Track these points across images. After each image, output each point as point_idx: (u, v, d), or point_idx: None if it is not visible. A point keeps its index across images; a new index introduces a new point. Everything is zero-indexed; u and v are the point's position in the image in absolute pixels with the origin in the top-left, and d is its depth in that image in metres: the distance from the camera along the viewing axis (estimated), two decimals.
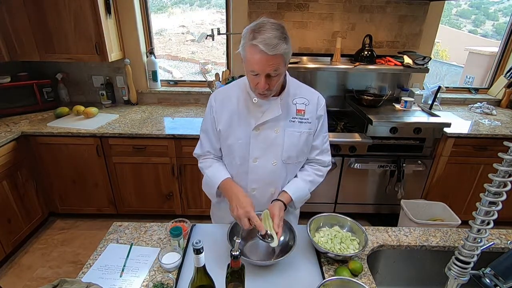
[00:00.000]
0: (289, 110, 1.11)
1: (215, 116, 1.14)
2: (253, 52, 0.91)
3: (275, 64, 0.92)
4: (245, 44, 0.94)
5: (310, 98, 1.14)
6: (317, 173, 1.22)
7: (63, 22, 2.19)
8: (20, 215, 2.16)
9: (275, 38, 0.89)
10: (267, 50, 0.88)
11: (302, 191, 1.18)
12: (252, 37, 0.90)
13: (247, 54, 0.94)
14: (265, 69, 0.93)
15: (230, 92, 1.15)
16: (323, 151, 1.22)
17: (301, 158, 1.19)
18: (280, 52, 0.90)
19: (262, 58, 0.90)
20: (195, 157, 1.27)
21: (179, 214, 2.49)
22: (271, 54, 0.89)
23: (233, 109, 1.12)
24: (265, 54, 0.89)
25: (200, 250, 0.72)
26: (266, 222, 1.05)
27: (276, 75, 0.96)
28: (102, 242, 1.14)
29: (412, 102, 2.47)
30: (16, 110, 2.42)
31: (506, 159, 0.66)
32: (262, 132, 1.10)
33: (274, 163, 1.13)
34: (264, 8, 2.44)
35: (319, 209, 2.06)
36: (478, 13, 7.19)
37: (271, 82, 0.97)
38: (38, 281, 2.01)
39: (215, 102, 1.15)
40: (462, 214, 2.37)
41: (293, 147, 1.12)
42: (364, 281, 0.98)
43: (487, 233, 0.74)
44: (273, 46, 0.88)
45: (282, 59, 0.93)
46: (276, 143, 1.11)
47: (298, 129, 1.12)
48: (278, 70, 0.94)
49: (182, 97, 2.82)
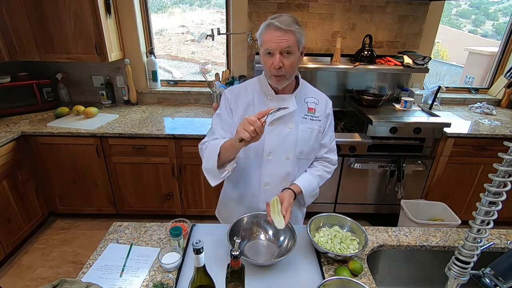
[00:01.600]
0: (302, 108, 1.17)
1: (231, 109, 1.17)
2: (269, 30, 1.01)
3: (289, 40, 0.99)
4: (262, 30, 1.04)
5: (319, 98, 1.21)
6: (326, 169, 1.28)
7: (63, 22, 2.19)
8: (20, 215, 2.16)
9: (289, 19, 1.00)
10: (281, 25, 0.98)
11: (311, 184, 1.22)
12: (268, 21, 1.01)
13: (263, 35, 1.03)
14: (279, 45, 0.99)
15: (245, 89, 1.19)
16: (330, 150, 1.28)
17: (312, 155, 1.23)
18: (293, 29, 0.99)
19: (276, 33, 0.99)
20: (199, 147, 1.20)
21: (179, 214, 2.49)
22: (285, 29, 0.98)
23: (248, 103, 1.16)
24: (279, 29, 0.98)
25: (200, 250, 0.72)
26: (275, 207, 1.06)
27: (290, 55, 1.02)
28: (102, 242, 1.14)
29: (412, 102, 2.47)
30: (16, 110, 2.42)
31: (506, 159, 0.66)
32: (276, 127, 1.13)
33: (288, 157, 1.17)
34: (264, 8, 2.44)
35: (319, 209, 2.06)
36: (478, 13, 7.19)
37: (285, 61, 1.02)
38: (38, 281, 2.01)
39: (230, 95, 1.18)
40: (462, 214, 2.38)
41: (306, 142, 1.17)
42: (364, 281, 0.98)
43: (487, 233, 0.74)
44: (287, 23, 0.98)
45: (295, 38, 1.01)
46: (289, 138, 1.15)
47: (310, 126, 1.17)
48: (291, 48, 1.01)
49: (182, 97, 2.82)
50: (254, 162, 1.18)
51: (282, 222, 1.03)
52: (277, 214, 1.05)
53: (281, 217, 1.04)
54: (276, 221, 1.04)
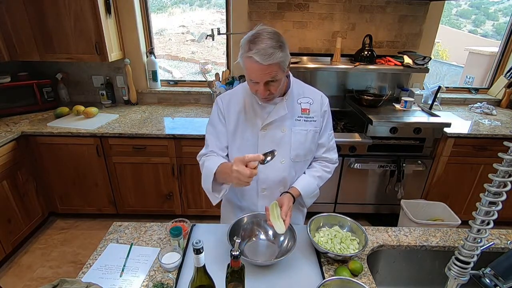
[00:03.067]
0: (294, 110, 1.14)
1: (224, 117, 1.16)
2: (249, 63, 0.95)
3: (272, 72, 0.95)
4: (242, 54, 0.97)
5: (314, 97, 1.17)
6: (325, 169, 1.26)
7: (63, 22, 2.19)
8: (20, 215, 2.16)
9: (270, 48, 0.91)
10: (262, 61, 0.91)
11: (310, 186, 1.20)
12: (248, 49, 0.93)
13: (245, 64, 0.98)
14: (263, 78, 0.96)
15: (236, 95, 1.17)
16: (329, 149, 1.25)
17: (309, 156, 1.21)
18: (275, 61, 0.93)
19: (258, 68, 0.94)
20: (198, 160, 1.24)
21: (179, 214, 2.49)
22: (266, 64, 0.92)
23: (239, 110, 1.14)
24: (260, 65, 0.92)
25: (200, 250, 0.72)
26: (274, 211, 1.06)
27: (275, 81, 0.99)
28: (102, 242, 1.14)
29: (412, 102, 2.47)
30: (16, 110, 2.42)
31: (506, 159, 0.66)
32: (269, 132, 1.12)
33: (283, 161, 1.15)
34: (264, 8, 2.44)
35: (319, 209, 2.06)
36: (478, 13, 7.19)
37: (271, 88, 1.00)
38: (38, 281, 2.01)
39: (222, 102, 1.17)
40: (462, 214, 2.38)
41: (301, 145, 1.15)
42: (364, 281, 0.98)
43: (487, 233, 0.74)
44: (268, 56, 0.91)
45: (278, 67, 0.96)
46: (283, 142, 1.14)
47: (305, 128, 1.15)
48: (276, 77, 0.97)
49: (182, 97, 2.82)
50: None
51: (282, 226, 1.03)
52: (277, 218, 1.04)
53: (281, 221, 1.04)
54: (276, 226, 1.03)
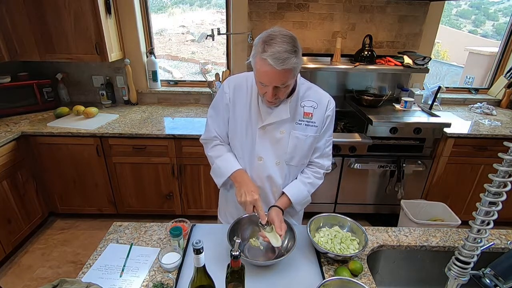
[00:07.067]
0: (296, 113, 1.11)
1: (229, 104, 1.13)
2: (262, 65, 0.91)
3: (284, 78, 0.93)
4: (255, 55, 0.94)
5: (319, 101, 1.12)
6: (316, 175, 1.22)
7: (63, 22, 2.19)
8: (20, 215, 2.16)
9: (285, 52, 0.88)
10: (276, 65, 0.88)
11: (301, 193, 1.19)
12: (262, 50, 0.90)
13: (257, 65, 0.94)
14: (273, 82, 0.94)
15: (246, 80, 1.13)
16: (323, 155, 1.21)
17: (305, 161, 1.19)
18: (289, 66, 0.89)
19: (270, 72, 0.91)
20: (202, 143, 1.26)
21: (179, 214, 2.49)
22: (280, 69, 0.89)
23: (243, 102, 1.12)
24: (273, 69, 0.89)
25: (200, 250, 0.72)
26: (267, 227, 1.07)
27: (285, 87, 0.97)
28: (102, 242, 1.14)
29: (412, 102, 2.47)
30: (16, 110, 2.42)
31: (506, 159, 0.66)
32: (267, 132, 1.11)
33: (278, 162, 1.15)
34: (264, 8, 2.44)
35: (319, 209, 2.06)
36: (478, 13, 7.19)
37: (279, 92, 0.99)
38: (38, 281, 2.01)
39: (229, 89, 1.13)
40: (462, 214, 2.38)
41: (297, 149, 1.13)
42: (364, 281, 0.98)
43: (487, 233, 0.74)
44: (282, 60, 0.87)
45: (291, 73, 0.93)
46: (280, 144, 1.12)
47: (304, 133, 1.12)
48: (286, 83, 0.95)
49: (182, 97, 2.82)
50: (247, 165, 1.17)
51: (279, 239, 1.03)
52: (272, 232, 1.05)
53: (276, 235, 1.04)
54: (272, 240, 1.03)
